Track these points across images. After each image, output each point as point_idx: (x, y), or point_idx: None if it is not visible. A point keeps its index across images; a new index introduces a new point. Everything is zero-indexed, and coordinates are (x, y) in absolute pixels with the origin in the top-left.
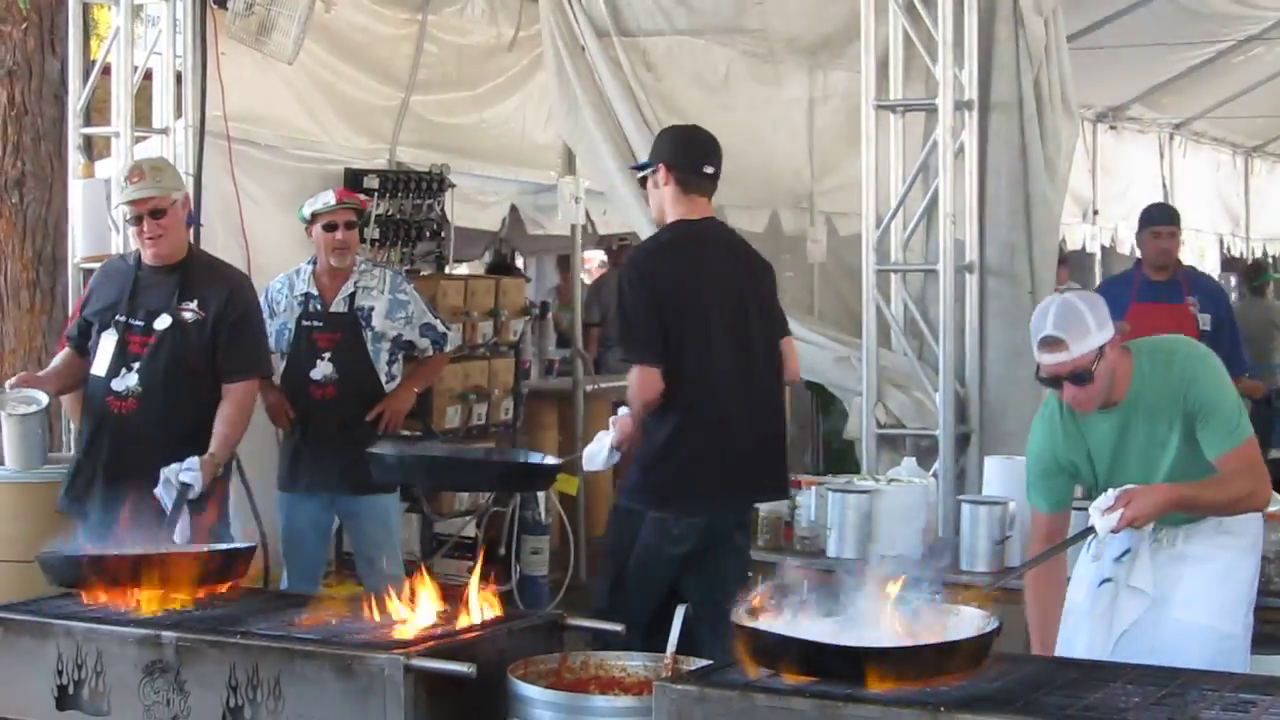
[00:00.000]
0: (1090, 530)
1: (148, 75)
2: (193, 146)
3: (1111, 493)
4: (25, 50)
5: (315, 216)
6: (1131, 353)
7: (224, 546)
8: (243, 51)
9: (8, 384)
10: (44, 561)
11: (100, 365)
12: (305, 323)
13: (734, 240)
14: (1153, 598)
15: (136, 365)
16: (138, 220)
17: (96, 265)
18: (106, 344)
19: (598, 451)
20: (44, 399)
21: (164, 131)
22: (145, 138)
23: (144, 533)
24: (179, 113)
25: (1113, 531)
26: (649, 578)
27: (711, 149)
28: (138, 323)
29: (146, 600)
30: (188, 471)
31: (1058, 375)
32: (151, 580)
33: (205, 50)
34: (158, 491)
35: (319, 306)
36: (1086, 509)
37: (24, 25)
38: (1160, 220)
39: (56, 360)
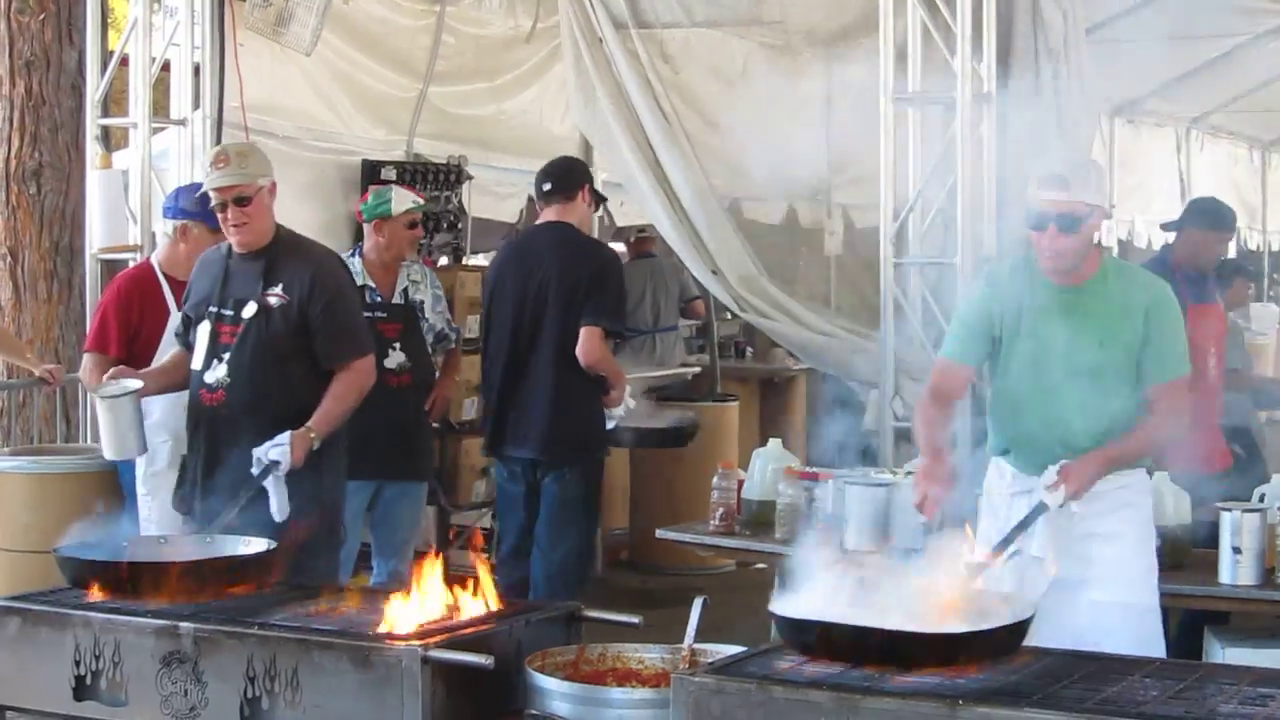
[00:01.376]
0: (1042, 506)
1: (165, 66)
2: (210, 137)
3: (1051, 470)
4: (43, 41)
5: (405, 214)
6: (1101, 254)
7: (252, 551)
8: (261, 42)
9: (105, 376)
10: (61, 562)
11: (196, 359)
12: (366, 314)
13: (555, 241)
14: (1054, 574)
15: (226, 356)
16: (222, 207)
17: (113, 256)
18: (201, 337)
19: None
20: (135, 384)
21: (182, 122)
22: (163, 128)
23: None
24: (197, 104)
25: (1060, 506)
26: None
27: (549, 170)
28: (228, 312)
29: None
30: (275, 448)
31: (1046, 215)
32: (167, 587)
33: (223, 41)
34: (254, 472)
35: (379, 298)
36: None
37: (41, 16)
38: (1229, 226)
39: (166, 358)
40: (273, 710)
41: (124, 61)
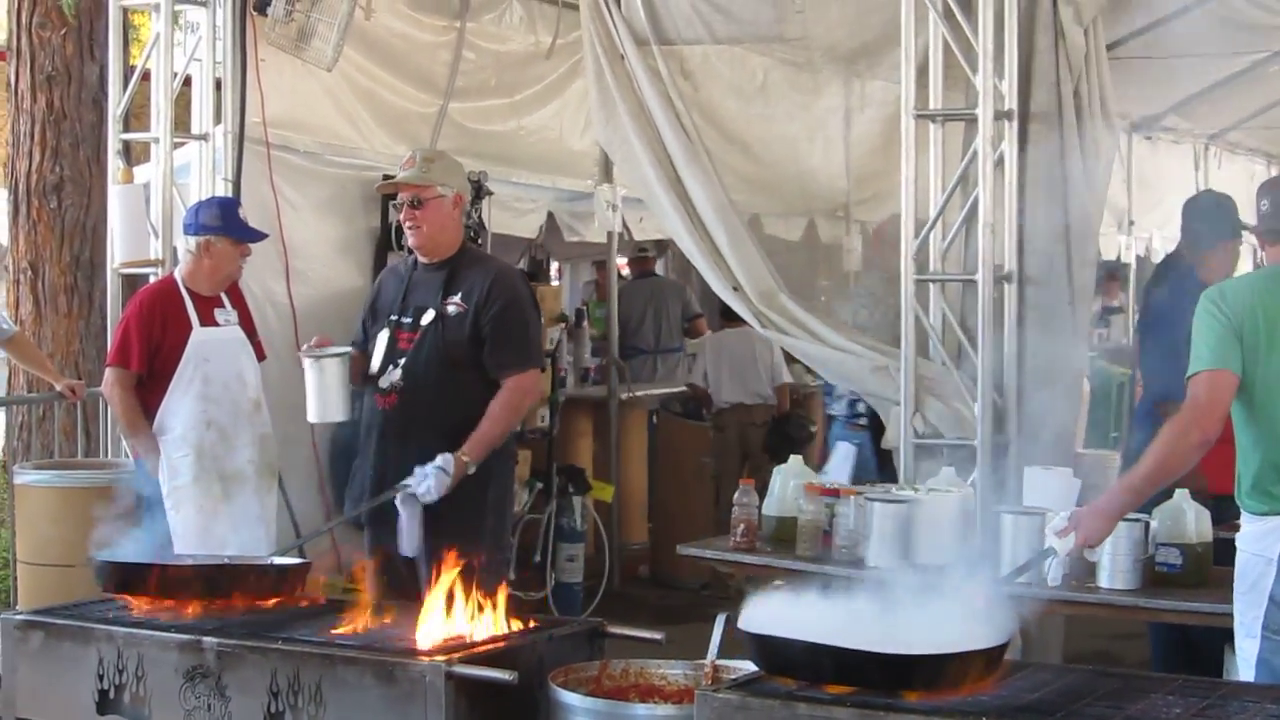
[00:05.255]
0: (1050, 551)
1: (187, 81)
2: (232, 153)
3: (1063, 515)
4: (64, 56)
5: None
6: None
7: (280, 562)
8: (282, 58)
9: (308, 344)
10: (95, 565)
11: (374, 365)
12: None
13: None
14: None
15: (402, 361)
16: (400, 206)
17: (135, 271)
18: (379, 342)
19: None
20: (347, 349)
21: (203, 138)
22: (184, 143)
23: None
24: (218, 119)
25: (1069, 554)
26: None
27: None
28: (407, 319)
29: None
30: (422, 481)
31: None
32: (195, 593)
33: (245, 57)
34: (397, 502)
35: None
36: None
37: (64, 31)
38: None
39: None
40: None
41: (145, 76)
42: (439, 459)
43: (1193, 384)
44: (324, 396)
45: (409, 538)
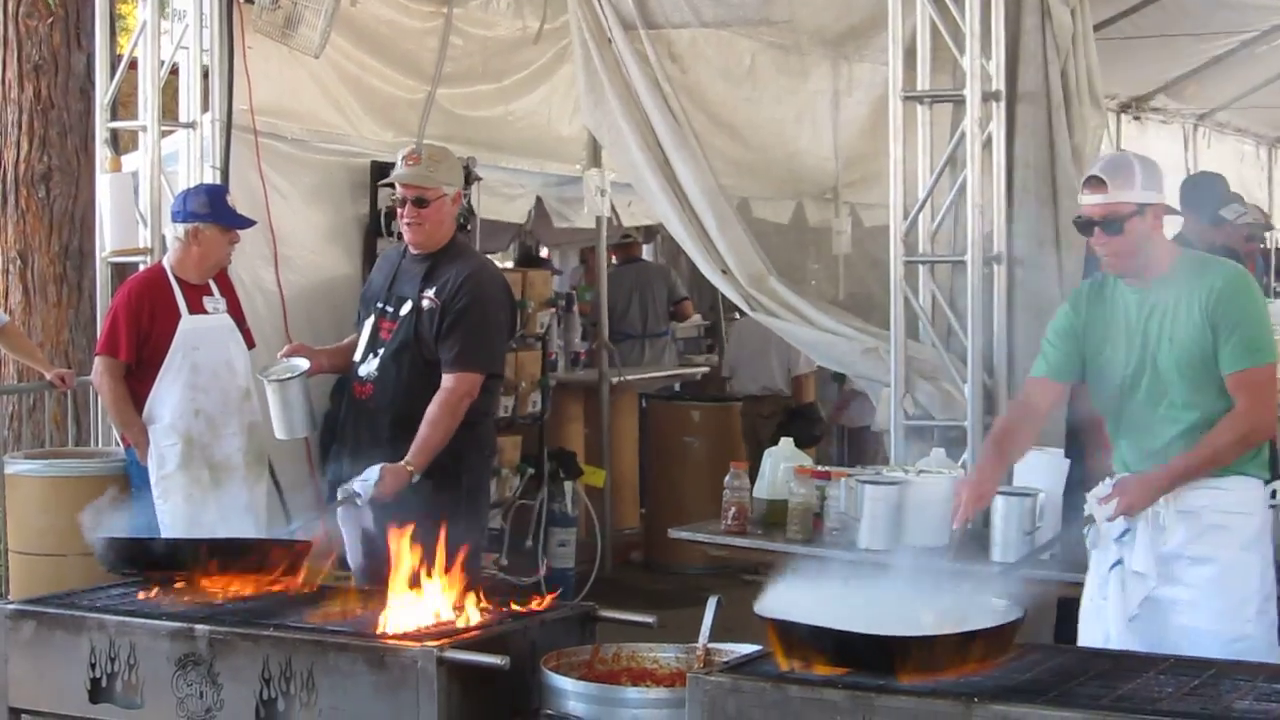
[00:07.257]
0: (1089, 519)
1: (174, 69)
2: (219, 140)
3: (1108, 481)
4: (51, 45)
5: None
6: (1181, 249)
7: (275, 538)
8: (269, 45)
9: (280, 353)
10: (98, 545)
11: (357, 351)
12: None
13: None
14: (1154, 587)
15: (380, 352)
16: (401, 202)
17: (124, 259)
18: (364, 330)
19: None
20: (303, 364)
21: (191, 125)
22: (172, 131)
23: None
24: (206, 106)
25: (1109, 520)
26: None
27: None
28: (389, 309)
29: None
30: (361, 481)
31: (1091, 218)
32: (199, 568)
33: (232, 44)
34: (339, 515)
35: None
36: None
37: (50, 20)
38: None
39: (347, 340)
40: (288, 712)
41: (132, 65)
42: (377, 469)
43: (1262, 375)
44: (288, 415)
45: (351, 548)
